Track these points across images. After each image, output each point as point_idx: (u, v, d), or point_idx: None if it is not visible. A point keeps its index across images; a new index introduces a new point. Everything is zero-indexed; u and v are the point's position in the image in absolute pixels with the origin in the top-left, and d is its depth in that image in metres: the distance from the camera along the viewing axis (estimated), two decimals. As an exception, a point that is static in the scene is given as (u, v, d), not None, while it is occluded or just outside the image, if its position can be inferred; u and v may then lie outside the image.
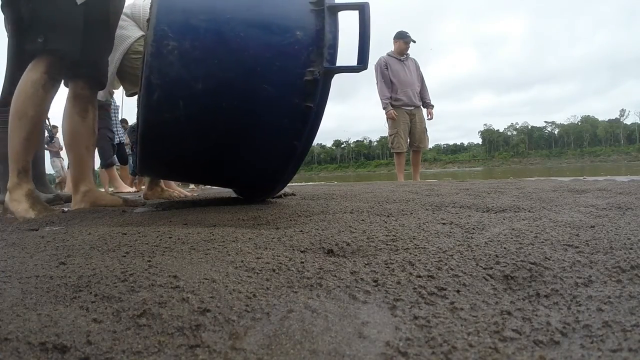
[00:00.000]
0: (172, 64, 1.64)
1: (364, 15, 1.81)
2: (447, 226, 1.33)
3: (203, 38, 1.68)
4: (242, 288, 0.74)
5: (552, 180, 3.89)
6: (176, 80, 1.67)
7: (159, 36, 1.63)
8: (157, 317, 0.63)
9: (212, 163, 1.97)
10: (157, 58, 1.64)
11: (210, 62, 1.69)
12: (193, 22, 1.68)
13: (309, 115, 1.79)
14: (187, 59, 1.66)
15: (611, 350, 0.54)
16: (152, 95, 1.67)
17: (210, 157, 1.93)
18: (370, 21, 1.81)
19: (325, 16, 1.76)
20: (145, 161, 1.97)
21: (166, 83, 1.66)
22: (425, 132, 7.20)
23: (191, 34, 1.67)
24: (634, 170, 11.51)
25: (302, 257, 0.96)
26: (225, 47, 1.70)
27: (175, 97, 1.69)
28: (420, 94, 7.18)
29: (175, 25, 1.67)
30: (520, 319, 0.64)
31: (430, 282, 0.78)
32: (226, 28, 1.70)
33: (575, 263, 0.87)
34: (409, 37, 7.05)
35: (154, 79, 1.65)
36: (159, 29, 1.64)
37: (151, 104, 1.68)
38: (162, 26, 1.64)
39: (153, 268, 0.85)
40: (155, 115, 1.73)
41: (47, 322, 0.61)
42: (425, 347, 0.55)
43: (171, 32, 1.64)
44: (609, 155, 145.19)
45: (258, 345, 0.57)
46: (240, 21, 1.72)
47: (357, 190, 3.05)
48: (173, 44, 1.64)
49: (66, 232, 1.38)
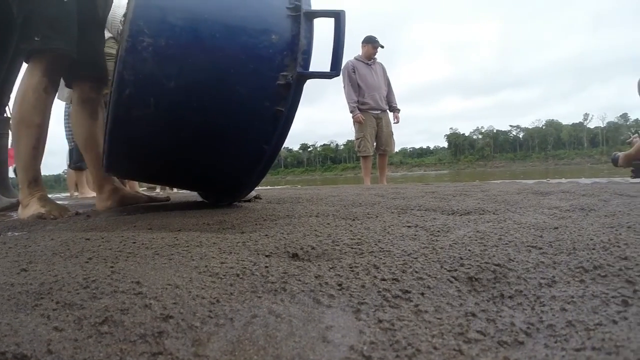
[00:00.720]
0: (145, 61, 1.63)
1: (339, 23, 1.82)
2: (412, 229, 1.33)
3: (179, 36, 1.66)
4: (205, 293, 0.72)
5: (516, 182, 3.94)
6: (149, 77, 1.65)
7: (134, 32, 1.62)
8: (119, 325, 0.61)
9: (179, 163, 1.95)
10: (132, 54, 1.62)
11: (184, 61, 1.67)
12: (170, 20, 1.66)
13: (280, 119, 1.78)
14: (162, 57, 1.64)
15: (575, 349, 0.54)
16: (124, 91, 1.64)
17: (178, 157, 1.91)
18: (345, 29, 1.82)
19: (301, 22, 1.77)
20: (111, 158, 1.94)
21: (139, 80, 1.64)
22: (392, 135, 7.26)
23: (167, 32, 1.65)
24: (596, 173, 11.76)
25: (267, 261, 0.95)
26: (200, 47, 1.69)
27: (146, 94, 1.67)
28: (387, 98, 7.24)
29: (152, 22, 1.65)
30: (484, 320, 0.64)
31: (395, 285, 0.77)
32: (202, 27, 1.69)
33: (538, 264, 0.87)
34: (378, 42, 7.11)
35: (127, 75, 1.63)
36: (135, 23, 1.62)
37: (122, 99, 1.66)
38: (138, 22, 1.63)
39: (116, 274, 0.83)
40: (124, 112, 1.70)
41: (6, 331, 0.59)
42: (390, 351, 0.55)
43: (147, 29, 1.63)
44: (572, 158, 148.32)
45: (221, 351, 0.56)
46: (216, 22, 1.72)
47: (324, 193, 3.04)
48: (148, 40, 1.62)
49: (28, 238, 1.35)
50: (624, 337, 0.55)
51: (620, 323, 0.60)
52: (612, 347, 0.53)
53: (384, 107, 7.16)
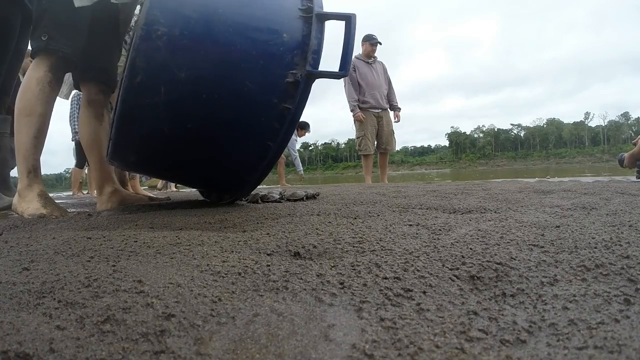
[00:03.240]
0: (159, 49, 1.65)
1: (350, 26, 1.86)
2: (413, 227, 1.33)
3: (193, 28, 1.69)
4: (207, 292, 0.72)
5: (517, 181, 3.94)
6: (161, 65, 1.67)
7: (150, 20, 1.64)
8: (121, 323, 0.61)
9: (184, 155, 1.96)
10: (146, 41, 1.64)
11: (196, 53, 1.69)
12: (185, 12, 1.69)
13: (286, 116, 1.80)
14: (175, 47, 1.67)
15: (577, 348, 0.54)
16: (135, 77, 1.66)
17: (183, 149, 1.91)
18: (355, 31, 1.86)
19: (312, 23, 1.80)
20: (117, 145, 1.95)
21: (150, 67, 1.67)
22: (393, 134, 7.26)
23: (182, 23, 1.68)
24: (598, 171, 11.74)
25: (269, 260, 0.95)
26: (213, 40, 1.71)
27: (157, 83, 1.69)
28: (387, 96, 7.25)
29: (168, 12, 1.67)
30: (486, 318, 0.63)
31: (397, 283, 0.77)
32: (216, 21, 1.72)
33: (540, 262, 0.87)
34: (375, 39, 7.12)
35: (139, 62, 1.65)
36: (151, 13, 1.65)
37: (133, 86, 1.68)
38: (154, 11, 1.65)
39: (117, 273, 0.83)
40: (134, 98, 1.72)
41: (9, 329, 0.59)
42: (392, 349, 0.55)
43: (162, 18, 1.65)
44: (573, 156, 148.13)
45: (223, 350, 0.55)
46: (230, 17, 1.74)
47: (325, 192, 3.04)
48: (163, 29, 1.64)
49: (30, 237, 1.35)
50: (626, 336, 0.55)
51: (623, 322, 0.60)
52: (614, 345, 0.53)
53: (384, 106, 7.16)
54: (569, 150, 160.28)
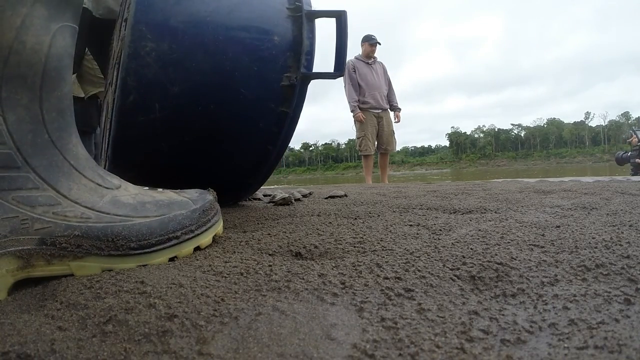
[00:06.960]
0: (149, 66, 1.59)
1: (341, 23, 1.81)
2: (414, 228, 1.33)
3: (182, 40, 1.62)
4: (210, 292, 0.73)
5: (518, 181, 3.94)
6: (153, 82, 1.61)
7: (136, 37, 1.57)
8: (123, 324, 0.61)
9: (184, 167, 1.93)
10: (135, 59, 1.58)
11: (188, 65, 1.64)
12: (172, 23, 1.62)
13: (285, 120, 1.77)
14: (165, 61, 1.60)
15: (577, 347, 0.54)
16: (128, 97, 1.61)
17: (182, 162, 1.89)
18: (347, 29, 1.81)
19: (302, 22, 1.75)
20: (116, 166, 1.93)
21: (142, 85, 1.61)
22: (393, 134, 7.27)
23: (169, 36, 1.61)
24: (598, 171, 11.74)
25: (270, 260, 0.95)
26: (204, 50, 1.65)
27: (151, 100, 1.63)
28: (387, 97, 7.26)
29: (154, 26, 1.60)
30: (487, 318, 0.64)
31: (398, 283, 0.77)
32: (205, 30, 1.66)
33: (541, 262, 0.87)
34: (375, 39, 7.13)
35: (130, 81, 1.59)
36: (137, 29, 1.57)
37: (126, 106, 1.62)
38: (140, 26, 1.58)
39: (120, 274, 0.83)
40: (129, 118, 1.67)
41: (10, 330, 0.59)
42: (392, 349, 0.55)
43: (149, 33, 1.58)
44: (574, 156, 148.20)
45: (225, 349, 0.56)
46: (218, 24, 1.68)
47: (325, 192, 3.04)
48: (151, 45, 1.58)
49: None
50: (627, 336, 0.55)
51: (623, 321, 0.60)
52: (615, 345, 0.53)
53: (384, 106, 7.18)
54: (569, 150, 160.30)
